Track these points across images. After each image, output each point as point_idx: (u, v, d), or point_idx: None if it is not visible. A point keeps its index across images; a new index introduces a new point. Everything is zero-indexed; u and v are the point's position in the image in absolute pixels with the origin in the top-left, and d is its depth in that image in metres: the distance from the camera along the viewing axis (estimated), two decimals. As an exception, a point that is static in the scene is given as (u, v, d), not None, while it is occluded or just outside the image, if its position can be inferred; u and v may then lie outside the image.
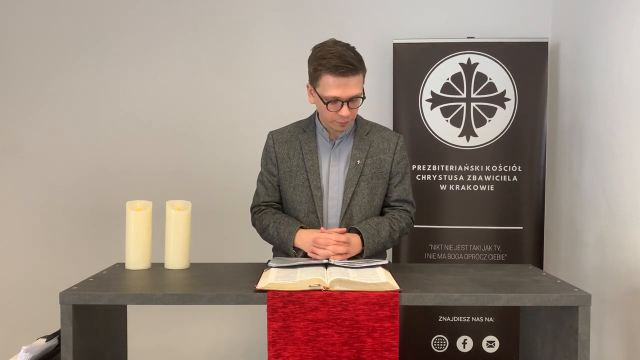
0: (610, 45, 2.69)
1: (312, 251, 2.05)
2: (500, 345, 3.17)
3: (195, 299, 1.68)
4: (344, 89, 2.01)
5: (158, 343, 3.42)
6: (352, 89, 2.02)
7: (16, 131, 3.42)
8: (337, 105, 2.04)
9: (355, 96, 2.04)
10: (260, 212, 2.25)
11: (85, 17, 3.40)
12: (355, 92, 2.03)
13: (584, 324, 1.67)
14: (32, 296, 3.37)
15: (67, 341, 1.65)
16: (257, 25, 3.41)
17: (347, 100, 2.03)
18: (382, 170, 2.21)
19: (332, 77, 2.00)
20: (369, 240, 2.10)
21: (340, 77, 2.00)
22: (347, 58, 1.99)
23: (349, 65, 1.99)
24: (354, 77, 2.01)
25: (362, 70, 2.05)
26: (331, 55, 2.00)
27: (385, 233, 2.15)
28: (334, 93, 2.02)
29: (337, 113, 2.05)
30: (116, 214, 2.74)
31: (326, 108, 2.05)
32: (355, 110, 2.10)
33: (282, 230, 2.14)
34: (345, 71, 1.99)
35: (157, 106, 3.42)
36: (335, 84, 2.01)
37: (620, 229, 2.57)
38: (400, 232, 2.21)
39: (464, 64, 3.18)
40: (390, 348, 1.66)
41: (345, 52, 2.01)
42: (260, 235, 2.26)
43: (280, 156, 2.23)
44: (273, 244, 2.24)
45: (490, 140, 3.18)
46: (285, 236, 2.12)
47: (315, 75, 2.05)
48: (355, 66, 2.00)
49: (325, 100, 2.04)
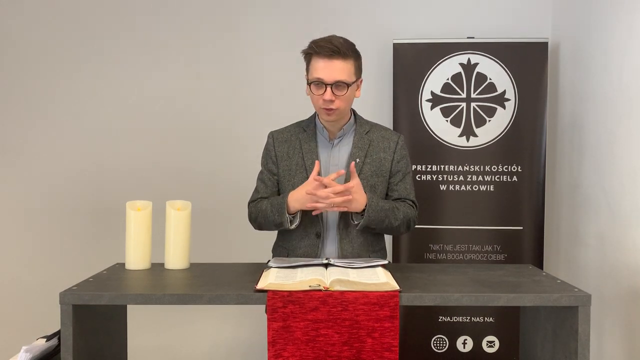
0: (610, 45, 2.69)
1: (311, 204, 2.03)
2: (500, 345, 3.17)
3: (195, 299, 1.68)
4: (329, 71, 2.04)
5: (158, 343, 3.42)
6: (337, 73, 2.04)
7: (16, 131, 3.42)
8: (320, 89, 2.06)
9: (340, 81, 2.05)
10: (257, 201, 2.24)
11: (85, 19, 3.40)
12: (339, 77, 2.05)
13: (584, 324, 1.67)
14: (32, 296, 3.37)
15: (67, 341, 1.65)
16: (257, 26, 3.41)
17: (331, 84, 2.04)
18: (382, 169, 2.21)
19: (318, 58, 2.05)
20: (372, 200, 2.08)
21: (326, 60, 2.04)
22: (335, 42, 2.04)
23: (335, 47, 2.03)
24: (340, 62, 2.04)
25: (351, 58, 2.07)
26: (321, 39, 2.07)
27: (388, 205, 2.13)
28: (319, 74, 2.06)
29: (321, 97, 2.07)
30: (116, 214, 2.73)
31: (311, 90, 2.09)
32: (343, 99, 2.08)
33: (274, 201, 2.13)
34: (331, 53, 2.03)
35: (157, 106, 3.42)
36: (320, 66, 2.05)
37: (620, 229, 2.57)
38: (403, 214, 2.16)
39: (464, 64, 3.18)
40: (390, 348, 1.66)
41: (336, 38, 2.07)
42: (254, 222, 2.22)
43: (280, 155, 2.24)
44: (269, 221, 2.16)
45: (490, 140, 3.18)
46: (278, 202, 2.11)
47: (306, 60, 2.11)
48: (340, 50, 2.03)
49: (310, 81, 2.09)
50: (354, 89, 2.13)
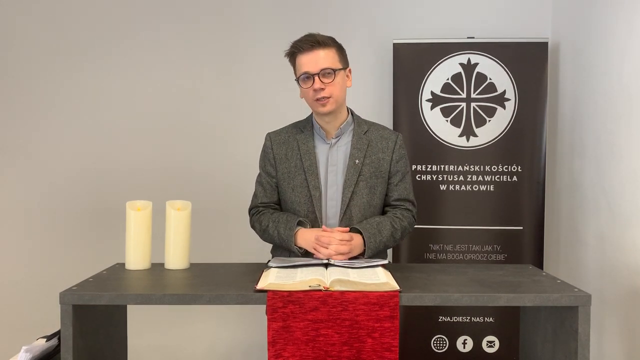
0: (611, 45, 2.69)
1: (315, 249, 2.05)
2: (500, 345, 3.17)
3: (195, 299, 1.68)
4: (313, 62, 2.08)
5: (158, 343, 3.42)
6: (320, 61, 2.09)
7: (16, 131, 3.42)
8: (309, 81, 2.10)
9: (326, 68, 2.08)
10: (259, 213, 2.25)
11: (85, 20, 3.40)
12: (324, 64, 2.09)
13: (584, 324, 1.67)
14: (32, 296, 3.37)
15: (67, 341, 1.65)
16: (256, 26, 3.41)
17: (318, 74, 2.07)
18: (380, 169, 2.21)
19: (301, 55, 2.10)
20: (370, 240, 2.10)
21: (308, 53, 2.08)
22: (313, 36, 2.10)
23: (314, 39, 2.08)
24: (322, 51, 2.08)
25: (333, 47, 2.11)
26: (300, 37, 2.13)
27: (386, 232, 2.15)
28: (304, 68, 2.10)
29: (311, 89, 2.09)
30: (116, 214, 2.73)
31: (301, 87, 2.13)
32: (332, 87, 2.10)
33: (282, 230, 2.13)
34: (311, 46, 2.08)
35: (157, 106, 3.42)
36: (304, 61, 2.09)
37: (620, 229, 2.57)
38: (402, 231, 2.21)
39: (464, 64, 3.18)
40: (390, 348, 1.66)
41: (314, 33, 2.12)
42: (260, 237, 2.26)
43: (278, 157, 2.23)
44: (274, 244, 2.24)
45: (490, 140, 3.18)
46: (286, 236, 2.12)
47: (291, 62, 2.16)
48: (319, 40, 2.09)
49: (298, 78, 2.12)
50: (342, 76, 2.14)
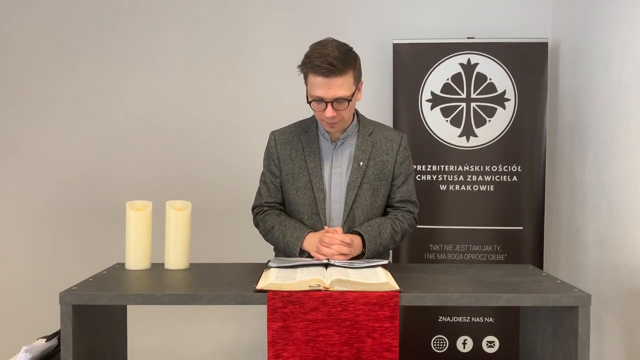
0: (610, 45, 2.69)
1: (317, 250, 2.05)
2: (500, 345, 3.17)
3: (195, 299, 1.68)
4: (327, 89, 1.98)
5: (158, 343, 3.42)
6: (335, 90, 1.98)
7: (16, 131, 3.42)
8: (321, 105, 2.02)
9: (340, 98, 2.00)
10: (263, 212, 2.25)
11: (85, 19, 3.40)
12: (339, 93, 1.99)
13: (584, 324, 1.67)
14: (32, 296, 3.37)
15: (67, 341, 1.65)
16: (257, 26, 3.41)
17: (332, 102, 2.00)
18: (384, 171, 2.21)
19: (316, 77, 1.98)
20: (370, 242, 2.10)
21: (323, 78, 1.97)
22: (330, 59, 1.95)
23: (331, 66, 1.94)
24: (338, 79, 1.97)
25: (349, 72, 2.00)
26: (316, 54, 1.97)
27: (387, 234, 2.15)
28: (318, 93, 2.00)
29: (322, 113, 2.04)
30: (116, 214, 2.74)
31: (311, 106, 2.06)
32: (344, 112, 2.05)
33: (288, 235, 2.13)
34: (327, 72, 1.96)
35: (157, 106, 3.42)
36: (319, 84, 1.99)
37: (620, 229, 2.57)
38: (402, 233, 2.21)
39: (464, 64, 3.18)
40: (390, 348, 1.66)
41: (331, 53, 1.96)
42: (263, 236, 2.25)
43: (283, 157, 2.23)
44: (276, 245, 2.24)
45: (490, 141, 3.18)
46: (293, 241, 2.11)
47: (303, 74, 2.05)
48: (336, 67, 1.95)
49: (310, 98, 2.04)
50: (355, 97, 2.09)
